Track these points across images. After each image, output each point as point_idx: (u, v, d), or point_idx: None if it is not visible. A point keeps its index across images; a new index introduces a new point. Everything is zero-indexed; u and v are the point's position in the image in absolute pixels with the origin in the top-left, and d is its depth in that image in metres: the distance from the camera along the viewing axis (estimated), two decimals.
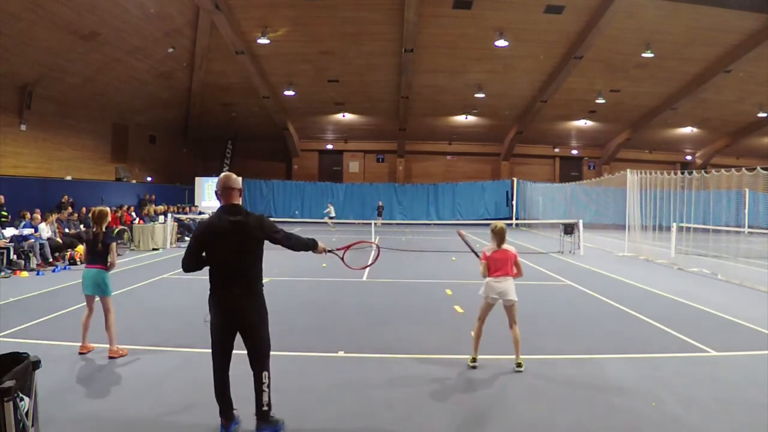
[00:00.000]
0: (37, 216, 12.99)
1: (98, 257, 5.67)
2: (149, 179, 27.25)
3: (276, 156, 33.72)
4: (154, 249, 16.03)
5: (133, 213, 18.99)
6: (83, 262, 5.81)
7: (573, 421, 4.14)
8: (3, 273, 10.61)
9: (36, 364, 2.87)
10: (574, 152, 34.76)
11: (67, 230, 14.15)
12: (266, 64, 23.75)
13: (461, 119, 30.35)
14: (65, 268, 11.87)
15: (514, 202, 30.26)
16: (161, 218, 18.31)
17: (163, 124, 28.08)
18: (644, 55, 22.00)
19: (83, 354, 5.57)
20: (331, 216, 26.55)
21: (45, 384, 3.91)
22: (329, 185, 31.62)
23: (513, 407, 4.42)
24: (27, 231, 12.25)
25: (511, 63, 23.75)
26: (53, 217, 13.52)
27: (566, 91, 25.84)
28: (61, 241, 13.03)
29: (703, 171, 16.07)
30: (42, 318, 7.11)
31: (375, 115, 29.82)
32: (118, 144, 24.46)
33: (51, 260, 12.15)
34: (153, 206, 20.96)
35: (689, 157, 34.81)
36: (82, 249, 11.90)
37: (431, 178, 32.95)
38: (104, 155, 23.46)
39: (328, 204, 27.85)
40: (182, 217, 19.92)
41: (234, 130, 31.23)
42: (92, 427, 3.96)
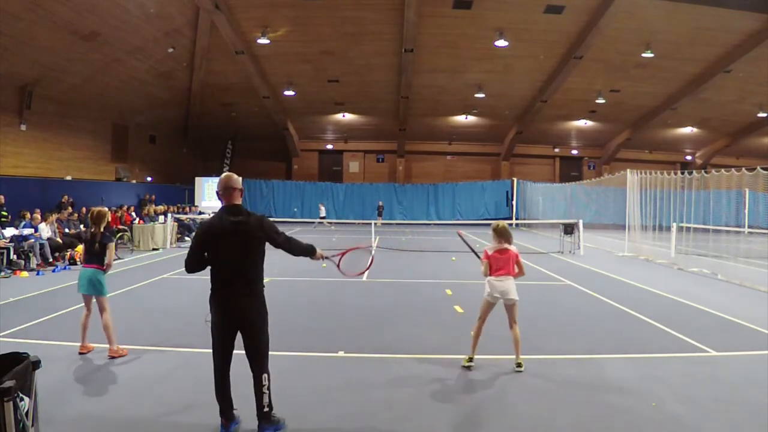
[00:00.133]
0: (37, 216, 12.99)
1: (95, 257, 5.67)
2: (149, 179, 27.26)
3: (276, 156, 33.73)
4: (154, 249, 16.03)
5: (133, 213, 19.00)
6: (81, 261, 5.84)
7: (573, 421, 4.14)
8: (3, 273, 10.61)
9: (36, 364, 2.87)
10: (574, 152, 34.76)
11: (67, 230, 14.15)
12: (266, 64, 23.76)
13: (461, 119, 30.35)
14: (65, 268, 11.87)
15: (514, 202, 30.26)
16: (161, 218, 18.31)
17: (163, 124, 28.09)
18: (644, 55, 22.02)
19: (83, 354, 5.57)
20: (322, 216, 26.57)
21: (45, 384, 3.91)
22: (329, 185, 31.62)
23: (513, 407, 4.42)
24: (27, 231, 12.25)
25: (511, 63, 23.76)
26: (53, 217, 13.52)
27: (566, 91, 25.85)
28: (61, 241, 13.04)
29: (703, 171, 16.07)
30: (42, 318, 7.11)
31: (375, 115, 29.82)
32: (118, 144, 24.48)
33: (51, 260, 12.16)
34: (153, 206, 20.96)
35: (689, 157, 34.82)
36: (82, 249, 11.90)
37: (431, 178, 32.96)
38: (104, 155, 23.48)
39: (320, 205, 27.87)
40: (182, 217, 19.92)
41: (234, 130, 31.25)
42: (92, 427, 3.96)
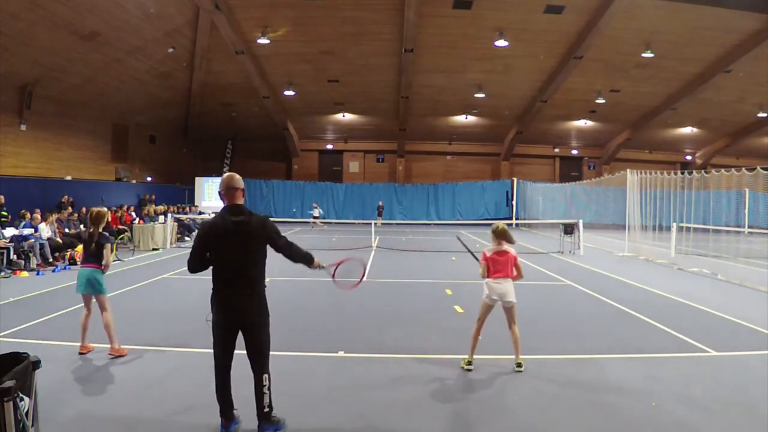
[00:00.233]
0: (37, 216, 12.99)
1: (93, 257, 5.68)
2: (149, 179, 27.26)
3: (276, 156, 33.73)
4: (154, 249, 16.03)
5: (133, 213, 19.00)
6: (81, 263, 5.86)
7: (573, 421, 4.14)
8: (3, 273, 10.61)
9: (36, 364, 2.87)
10: (574, 152, 34.76)
11: (67, 230, 14.16)
12: (266, 64, 23.76)
13: (461, 119, 30.35)
14: (65, 268, 11.87)
15: (514, 202, 30.26)
16: (161, 218, 18.30)
17: (163, 124, 28.09)
18: (644, 55, 22.02)
19: (83, 354, 5.57)
20: (315, 216, 26.55)
21: (45, 384, 3.90)
22: (329, 185, 31.62)
23: (513, 407, 4.42)
24: (27, 231, 12.25)
25: (511, 63, 23.76)
26: (53, 217, 13.52)
27: (566, 91, 25.85)
28: (61, 241, 13.03)
29: (703, 171, 16.06)
30: (42, 318, 7.11)
31: (375, 115, 29.82)
32: (118, 144, 24.48)
33: (51, 260, 12.15)
34: (153, 206, 20.96)
35: (689, 157, 34.82)
36: (81, 249, 11.91)
37: (431, 178, 32.96)
38: (104, 155, 23.48)
39: (314, 204, 27.84)
40: (182, 217, 19.92)
41: (234, 130, 31.25)
42: (92, 427, 3.96)
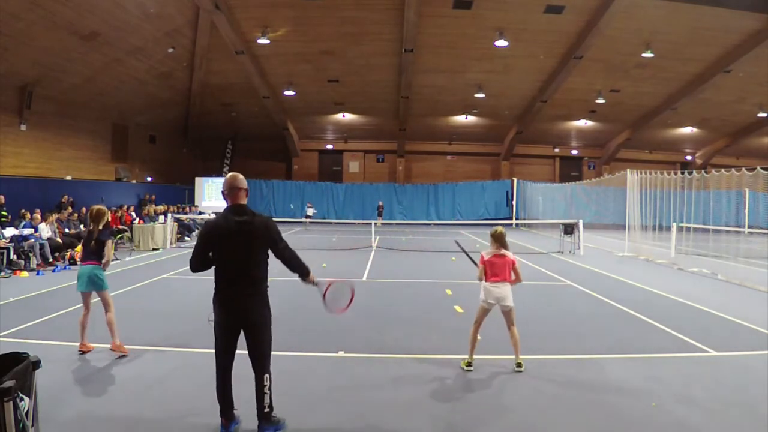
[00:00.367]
0: (37, 216, 12.99)
1: (92, 254, 5.68)
2: (149, 179, 27.26)
3: (276, 156, 33.73)
4: (154, 249, 16.03)
5: (133, 213, 19.00)
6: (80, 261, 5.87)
7: (573, 421, 4.14)
8: (3, 273, 10.61)
9: (36, 364, 2.87)
10: (574, 152, 34.76)
11: (67, 230, 14.15)
12: (266, 64, 23.77)
13: (461, 119, 30.35)
14: (65, 268, 11.87)
15: (514, 202, 30.26)
16: (161, 218, 18.30)
17: (163, 124, 28.09)
18: (644, 55, 22.02)
19: (82, 352, 5.57)
20: (308, 215, 26.47)
21: (45, 384, 3.90)
22: (329, 185, 31.62)
23: (513, 407, 4.42)
24: (27, 231, 12.25)
25: (511, 63, 23.76)
26: (53, 217, 13.52)
27: (566, 91, 25.85)
28: (61, 241, 13.03)
29: (703, 171, 16.06)
30: (42, 318, 7.11)
31: (375, 115, 29.83)
32: (118, 144, 24.49)
33: (51, 260, 12.15)
34: (153, 206, 20.96)
35: (689, 157, 34.82)
36: (80, 248, 11.91)
37: (431, 178, 32.96)
38: (104, 155, 23.48)
39: (308, 204, 27.74)
40: (182, 217, 19.92)
41: (234, 130, 31.25)
42: (92, 427, 3.96)
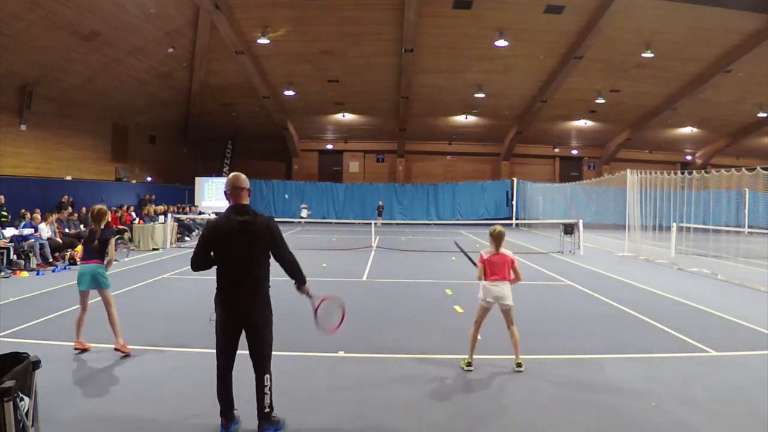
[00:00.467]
0: (37, 216, 12.99)
1: (95, 253, 5.68)
2: (149, 179, 27.26)
3: (276, 156, 33.73)
4: (154, 249, 16.03)
5: (133, 213, 19.00)
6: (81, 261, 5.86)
7: (573, 421, 4.14)
8: (3, 273, 10.60)
9: (36, 364, 2.87)
10: (574, 152, 34.76)
11: (67, 230, 14.16)
12: (266, 64, 23.77)
13: (461, 119, 30.35)
14: (65, 268, 11.87)
15: (514, 202, 30.25)
16: (161, 218, 18.30)
17: (163, 124, 28.09)
18: (644, 55, 22.02)
19: (79, 351, 5.55)
20: (302, 216, 26.39)
21: (45, 384, 3.90)
22: (329, 185, 31.62)
23: (513, 407, 4.42)
24: (27, 231, 12.25)
25: (511, 63, 23.76)
26: (53, 217, 13.52)
27: (566, 91, 25.85)
28: (61, 241, 13.03)
29: (703, 171, 16.06)
30: (42, 318, 7.11)
31: (375, 115, 29.82)
32: (118, 144, 24.48)
33: (51, 260, 12.15)
34: (153, 206, 20.96)
35: (689, 157, 34.82)
36: (81, 248, 11.90)
37: (431, 178, 32.96)
38: (104, 155, 23.48)
39: (303, 205, 27.62)
40: (182, 217, 19.91)
41: (234, 130, 31.25)
42: (92, 427, 3.96)
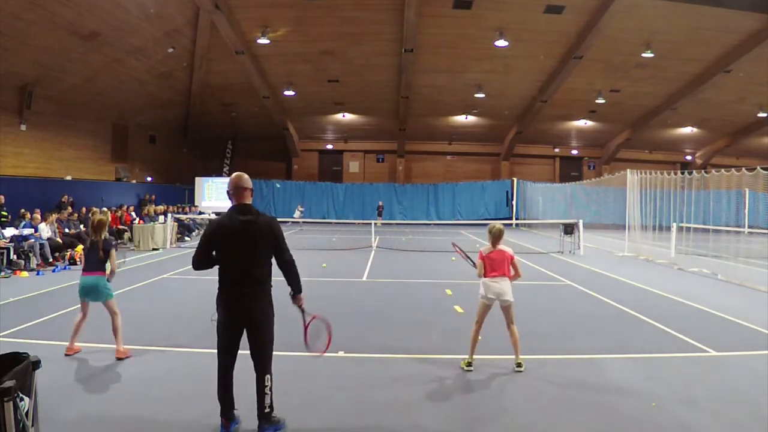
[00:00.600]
0: (37, 216, 12.98)
1: (98, 264, 5.63)
2: (149, 179, 27.26)
3: (276, 156, 33.72)
4: (154, 249, 16.02)
5: (133, 213, 19.00)
6: (81, 262, 5.80)
7: (573, 421, 4.14)
8: (3, 273, 10.60)
9: (36, 364, 2.87)
10: (574, 152, 34.76)
11: (67, 230, 14.15)
12: (266, 64, 23.76)
13: (461, 119, 30.35)
14: (65, 268, 11.86)
15: (514, 202, 30.25)
16: (161, 218, 18.30)
17: (163, 124, 28.09)
18: (644, 55, 22.02)
19: (69, 356, 5.49)
20: (294, 216, 26.31)
21: (45, 384, 3.90)
22: (329, 185, 31.62)
23: (513, 407, 4.42)
24: (27, 231, 12.24)
25: (511, 63, 23.76)
26: (53, 217, 13.51)
27: (566, 91, 25.84)
28: (61, 241, 13.03)
29: (703, 171, 16.06)
30: (42, 318, 7.11)
31: (375, 115, 29.82)
32: (118, 144, 24.49)
33: (51, 260, 12.14)
34: (153, 206, 20.96)
35: (689, 157, 34.82)
36: (82, 254, 11.88)
37: (431, 178, 32.95)
38: (104, 155, 23.48)
39: (298, 206, 27.51)
40: (182, 217, 19.91)
41: (234, 130, 31.25)
42: (92, 427, 3.96)
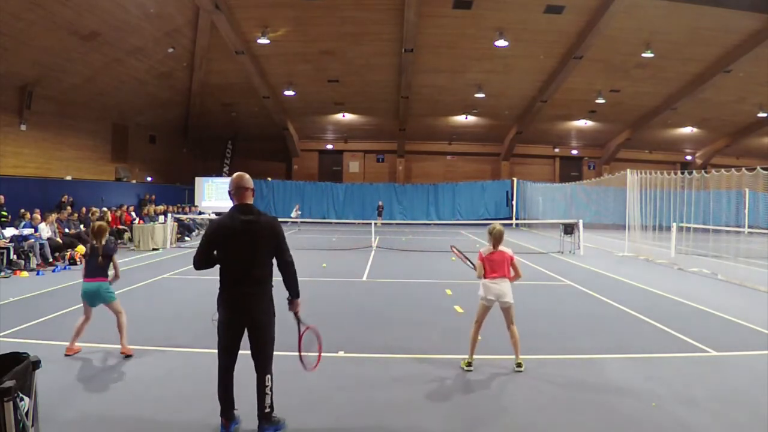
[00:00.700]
0: (37, 216, 12.99)
1: (98, 270, 5.63)
2: (149, 179, 27.27)
3: (276, 156, 33.72)
4: (154, 249, 16.02)
5: (133, 213, 19.00)
6: (81, 263, 5.79)
7: (573, 421, 4.14)
8: (3, 273, 10.60)
9: (36, 364, 2.87)
10: (574, 152, 34.76)
11: (67, 230, 14.15)
12: (266, 64, 23.77)
13: (461, 119, 30.35)
14: (65, 268, 11.86)
15: (514, 202, 30.25)
16: (161, 218, 18.29)
17: (163, 124, 28.09)
18: (644, 55, 22.02)
19: (69, 356, 5.48)
20: (291, 216, 26.22)
21: (45, 384, 3.90)
22: (329, 185, 31.60)
23: (513, 407, 4.42)
24: (27, 231, 12.24)
25: (511, 63, 23.76)
26: (53, 217, 13.51)
27: (566, 91, 25.85)
28: (61, 241, 13.03)
29: (703, 171, 16.06)
30: (42, 318, 7.11)
31: (375, 115, 29.82)
32: (118, 144, 24.49)
33: (51, 260, 12.15)
34: (153, 206, 20.96)
35: (689, 157, 34.82)
36: (82, 249, 11.87)
37: (431, 178, 32.95)
38: (104, 155, 23.49)
39: (296, 206, 27.41)
40: (182, 217, 19.91)
41: (234, 130, 31.25)
42: (92, 427, 3.96)
